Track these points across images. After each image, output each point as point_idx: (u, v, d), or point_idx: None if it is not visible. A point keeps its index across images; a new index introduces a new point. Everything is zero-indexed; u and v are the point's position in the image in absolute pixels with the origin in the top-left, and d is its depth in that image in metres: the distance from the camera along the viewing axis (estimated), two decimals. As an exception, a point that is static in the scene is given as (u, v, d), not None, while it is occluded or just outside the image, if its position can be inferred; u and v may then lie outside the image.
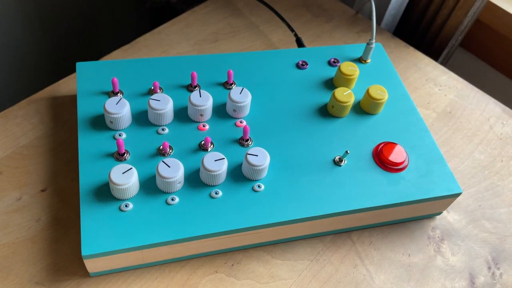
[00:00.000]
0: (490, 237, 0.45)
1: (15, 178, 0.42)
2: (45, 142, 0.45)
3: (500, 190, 0.48)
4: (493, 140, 0.53)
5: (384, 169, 0.42)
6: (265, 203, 0.38)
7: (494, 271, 0.43)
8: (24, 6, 0.67)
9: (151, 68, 0.46)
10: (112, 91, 0.43)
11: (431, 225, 0.45)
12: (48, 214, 0.40)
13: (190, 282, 0.38)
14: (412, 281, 0.41)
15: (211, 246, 0.38)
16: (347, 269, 0.41)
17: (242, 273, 0.39)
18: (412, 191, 0.41)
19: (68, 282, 0.37)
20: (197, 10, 0.61)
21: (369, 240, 0.43)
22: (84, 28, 0.80)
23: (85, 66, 0.45)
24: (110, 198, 0.37)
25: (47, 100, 0.48)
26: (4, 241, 0.38)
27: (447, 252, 0.43)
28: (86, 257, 0.34)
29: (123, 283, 0.37)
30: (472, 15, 0.62)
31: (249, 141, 0.42)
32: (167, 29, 0.58)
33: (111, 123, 0.41)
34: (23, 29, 0.70)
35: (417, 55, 0.61)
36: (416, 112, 0.47)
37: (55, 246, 0.38)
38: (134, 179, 0.36)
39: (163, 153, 0.40)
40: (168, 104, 0.41)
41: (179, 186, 0.38)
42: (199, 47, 0.57)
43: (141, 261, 0.37)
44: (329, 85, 0.48)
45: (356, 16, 0.64)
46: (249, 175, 0.39)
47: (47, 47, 0.75)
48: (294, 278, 0.39)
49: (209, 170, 0.37)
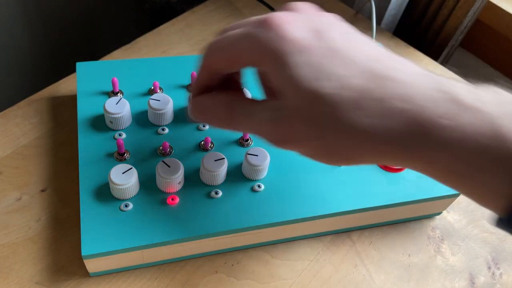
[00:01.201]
0: (490, 237, 0.45)
1: (15, 178, 0.42)
2: (45, 142, 0.45)
3: (500, 190, 0.48)
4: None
5: (384, 169, 0.42)
6: (265, 203, 0.38)
7: (494, 271, 0.43)
8: (25, 6, 0.67)
9: (151, 68, 0.46)
10: (112, 91, 0.43)
11: (431, 225, 0.45)
12: (48, 214, 0.40)
13: (190, 282, 0.38)
14: (412, 281, 0.41)
15: (211, 246, 0.38)
16: (347, 269, 0.41)
17: (242, 273, 0.39)
18: (412, 191, 0.41)
19: (68, 282, 0.37)
20: (197, 10, 0.61)
21: (369, 240, 0.43)
22: (84, 28, 0.80)
23: (85, 66, 0.45)
24: (110, 198, 0.37)
25: (47, 100, 0.48)
26: (4, 241, 0.38)
27: (447, 252, 0.43)
28: (86, 257, 0.34)
29: (123, 283, 0.37)
30: (472, 15, 0.62)
31: (249, 141, 0.42)
32: (167, 29, 0.58)
33: (111, 123, 0.41)
34: (23, 29, 0.70)
35: (417, 55, 0.60)
36: (416, 112, 0.47)
37: (55, 246, 0.38)
38: (134, 179, 0.36)
39: (163, 153, 0.40)
40: (168, 104, 0.41)
41: (179, 186, 0.38)
42: (199, 47, 0.57)
43: (141, 261, 0.37)
44: (329, 85, 0.48)
45: (356, 16, 0.64)
46: (249, 175, 0.39)
47: (47, 47, 0.75)
48: (294, 278, 0.39)
49: (209, 170, 0.37)
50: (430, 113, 0.23)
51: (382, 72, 0.24)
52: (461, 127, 0.23)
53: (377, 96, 0.24)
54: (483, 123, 0.22)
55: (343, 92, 0.24)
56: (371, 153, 0.25)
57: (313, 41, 0.25)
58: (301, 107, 0.25)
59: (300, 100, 0.25)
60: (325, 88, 0.24)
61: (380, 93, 0.24)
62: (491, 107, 0.23)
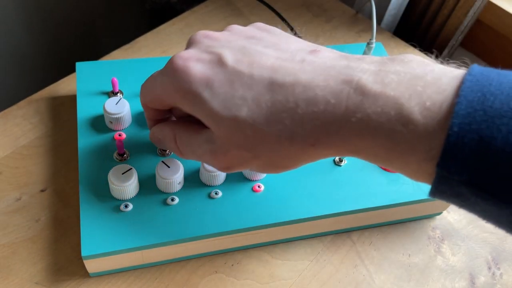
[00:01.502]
0: (491, 237, 0.45)
1: (15, 178, 0.42)
2: (45, 142, 0.45)
3: (500, 190, 0.48)
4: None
5: (384, 169, 0.42)
6: (265, 203, 0.38)
7: (494, 271, 0.43)
8: (24, 6, 0.67)
9: (151, 68, 0.46)
10: (112, 91, 0.43)
11: (431, 225, 0.45)
12: (48, 214, 0.40)
13: (190, 282, 0.38)
14: (412, 281, 0.41)
15: (211, 246, 0.38)
16: (347, 269, 0.41)
17: (242, 273, 0.39)
18: (412, 191, 0.41)
19: (68, 282, 0.37)
20: (197, 10, 0.61)
21: (369, 240, 0.43)
22: (84, 28, 0.80)
23: (85, 66, 0.45)
24: (110, 198, 0.37)
25: (47, 100, 0.48)
26: (4, 241, 0.38)
27: (447, 252, 0.43)
28: (86, 258, 0.34)
29: (123, 283, 0.37)
30: (473, 15, 0.62)
31: (249, 141, 0.42)
32: (167, 29, 0.58)
33: (111, 123, 0.41)
34: (23, 29, 0.70)
35: (417, 54, 0.60)
36: (416, 112, 0.47)
37: (55, 246, 0.38)
38: (133, 179, 0.36)
39: (163, 153, 0.40)
40: (168, 104, 0.41)
41: (179, 187, 0.38)
42: (199, 47, 0.56)
43: (141, 261, 0.37)
44: (329, 85, 0.48)
45: (356, 16, 0.64)
46: (249, 175, 0.39)
47: (47, 47, 0.75)
48: (294, 278, 0.39)
49: (209, 170, 0.37)
50: (334, 111, 0.24)
51: (285, 81, 0.25)
52: (367, 116, 0.23)
53: (288, 107, 0.25)
54: (386, 107, 0.23)
55: (255, 112, 0.25)
56: (304, 156, 0.27)
57: (214, 72, 0.27)
58: (229, 135, 0.27)
59: (226, 129, 0.27)
60: (240, 112, 0.26)
61: (288, 102, 0.25)
62: (394, 87, 0.23)
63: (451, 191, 0.23)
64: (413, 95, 0.23)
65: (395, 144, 0.23)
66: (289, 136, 0.25)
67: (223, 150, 0.28)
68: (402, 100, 0.23)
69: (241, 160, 0.28)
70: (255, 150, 0.27)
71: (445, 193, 0.23)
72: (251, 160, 0.28)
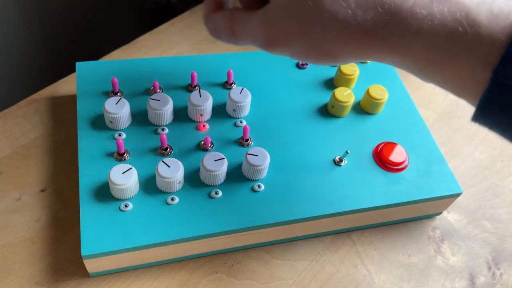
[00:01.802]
0: (491, 237, 0.45)
1: (15, 178, 0.42)
2: (45, 142, 0.45)
3: (501, 190, 0.48)
4: (494, 140, 0.53)
5: (384, 169, 0.42)
6: (265, 203, 0.38)
7: (494, 271, 0.43)
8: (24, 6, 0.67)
9: (151, 68, 0.46)
10: (112, 91, 0.43)
11: (431, 225, 0.45)
12: (48, 214, 0.40)
13: (190, 282, 0.38)
14: (412, 281, 0.41)
15: (211, 246, 0.38)
16: (347, 269, 0.41)
17: (242, 273, 0.39)
18: (412, 191, 0.41)
19: (68, 282, 0.37)
20: (197, 10, 0.61)
21: (369, 240, 0.43)
22: (84, 28, 0.80)
23: (85, 66, 0.45)
24: (110, 198, 0.37)
25: (47, 100, 0.48)
26: (4, 241, 0.38)
27: (447, 252, 0.43)
28: (86, 257, 0.34)
29: (123, 283, 0.37)
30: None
31: (249, 141, 0.42)
32: (167, 29, 0.58)
33: (111, 123, 0.41)
34: (23, 29, 0.70)
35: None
36: (416, 112, 0.47)
37: (55, 246, 0.38)
38: (134, 179, 0.36)
39: (163, 153, 0.40)
40: (168, 104, 0.41)
41: (179, 186, 0.38)
42: (199, 47, 0.57)
43: (141, 261, 0.37)
44: (329, 85, 0.48)
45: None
46: (249, 175, 0.39)
47: (47, 47, 0.75)
48: (294, 278, 0.39)
49: (209, 170, 0.37)
50: (402, 3, 0.24)
51: None
52: (432, 13, 0.24)
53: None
54: (455, 9, 0.23)
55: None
56: (352, 46, 0.26)
57: None
58: (287, 5, 0.27)
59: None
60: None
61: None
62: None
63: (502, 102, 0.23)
64: (481, 3, 0.23)
65: (454, 44, 0.23)
66: (346, 17, 0.25)
67: (275, 20, 0.28)
68: (471, 5, 0.23)
69: (288, 35, 0.28)
70: (307, 24, 0.26)
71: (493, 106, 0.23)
72: (298, 37, 0.27)
